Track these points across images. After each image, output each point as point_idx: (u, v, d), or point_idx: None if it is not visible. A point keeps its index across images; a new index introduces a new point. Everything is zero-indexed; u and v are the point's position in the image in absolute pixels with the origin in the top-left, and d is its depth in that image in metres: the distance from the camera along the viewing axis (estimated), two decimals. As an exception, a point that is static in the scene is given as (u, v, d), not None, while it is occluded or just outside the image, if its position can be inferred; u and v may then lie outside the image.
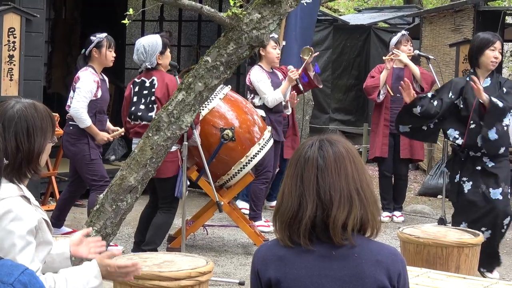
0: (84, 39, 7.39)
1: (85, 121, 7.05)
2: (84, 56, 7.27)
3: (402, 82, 7.00)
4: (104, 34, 7.26)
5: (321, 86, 9.38)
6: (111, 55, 7.27)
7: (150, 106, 6.68)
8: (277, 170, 8.88)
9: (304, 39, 9.99)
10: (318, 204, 2.49)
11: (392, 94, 8.83)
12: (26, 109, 2.99)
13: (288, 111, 8.60)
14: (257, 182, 7.86)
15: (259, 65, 8.35)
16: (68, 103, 7.22)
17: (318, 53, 8.80)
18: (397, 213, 9.15)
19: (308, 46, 8.85)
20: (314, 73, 8.85)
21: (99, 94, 7.15)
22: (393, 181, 9.17)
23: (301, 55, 8.72)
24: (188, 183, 6.93)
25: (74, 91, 7.14)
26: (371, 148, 9.12)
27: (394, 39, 8.99)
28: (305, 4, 10.02)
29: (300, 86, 8.53)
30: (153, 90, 6.69)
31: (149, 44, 6.75)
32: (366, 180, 2.55)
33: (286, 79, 8.29)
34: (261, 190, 8.16)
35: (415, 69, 8.88)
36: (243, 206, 8.91)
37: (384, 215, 8.97)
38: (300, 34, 9.85)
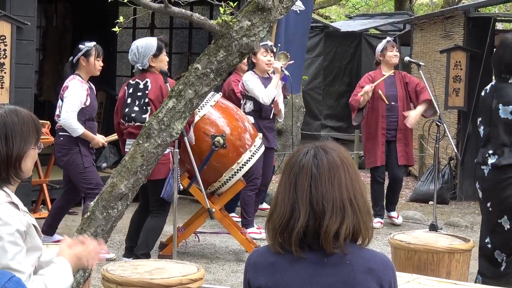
0: (75, 47, 7.39)
1: (77, 129, 7.05)
2: (71, 64, 7.27)
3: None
4: (93, 43, 7.25)
5: (288, 97, 9.24)
6: (98, 64, 7.26)
7: (144, 108, 6.68)
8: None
9: (299, 45, 10.01)
10: (310, 213, 2.48)
11: (387, 102, 8.86)
12: (6, 114, 3.00)
13: (281, 118, 8.59)
14: (245, 189, 7.83)
15: (253, 71, 8.37)
16: (57, 112, 7.21)
17: (293, 62, 8.75)
18: (394, 213, 9.23)
19: (284, 52, 8.78)
20: (283, 82, 8.75)
21: (88, 102, 7.15)
22: (387, 185, 9.25)
23: (276, 59, 8.63)
24: (181, 187, 6.93)
25: (62, 100, 7.14)
26: (368, 157, 9.09)
27: (380, 46, 9.05)
28: (298, 12, 10.06)
29: (286, 72, 8.43)
30: (146, 92, 6.71)
31: (142, 45, 6.76)
32: (360, 189, 2.55)
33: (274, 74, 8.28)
34: (250, 197, 8.16)
35: (418, 112, 8.93)
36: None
37: (376, 221, 9.00)
38: (295, 41, 9.87)
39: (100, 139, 7.28)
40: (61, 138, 7.13)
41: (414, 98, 8.97)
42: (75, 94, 7.05)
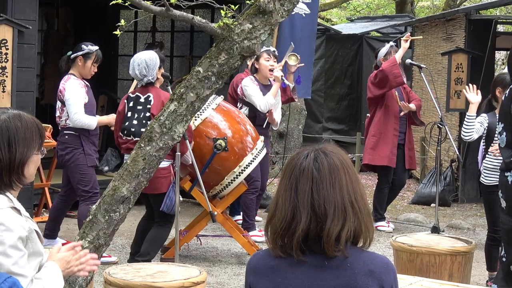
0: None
1: (92, 123, 7.06)
2: (68, 59, 7.25)
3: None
4: (96, 48, 7.23)
5: (296, 99, 9.15)
6: (93, 69, 7.24)
7: (144, 122, 6.63)
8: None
9: (306, 49, 10.03)
10: (312, 217, 2.47)
11: (399, 103, 8.86)
12: (10, 119, 3.00)
13: (275, 126, 8.56)
14: (246, 192, 7.81)
15: (253, 76, 8.35)
16: (57, 114, 7.20)
17: (303, 64, 8.76)
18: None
19: (295, 54, 8.78)
20: (293, 85, 8.70)
21: (87, 99, 7.15)
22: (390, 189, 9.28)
23: (286, 60, 8.64)
24: (181, 198, 6.92)
25: (61, 102, 7.12)
26: (373, 154, 8.87)
27: (383, 50, 8.99)
28: (304, 15, 10.08)
29: (285, 80, 8.39)
30: (148, 106, 6.68)
31: (150, 58, 6.74)
32: (360, 191, 2.54)
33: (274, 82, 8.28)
34: (251, 201, 8.15)
35: (412, 106, 8.92)
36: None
37: (387, 225, 9.04)
38: (302, 44, 9.89)
39: (110, 117, 7.28)
40: (66, 137, 7.13)
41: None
42: (76, 93, 7.04)
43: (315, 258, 2.50)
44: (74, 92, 7.05)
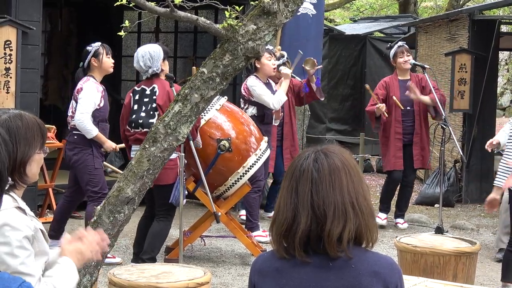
0: (80, 51, 7.39)
1: (92, 131, 7.04)
2: (83, 69, 7.26)
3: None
4: (99, 43, 7.26)
5: (322, 99, 9.42)
6: (110, 61, 7.27)
7: (151, 113, 6.69)
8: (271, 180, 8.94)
9: (313, 49, 10.05)
10: (312, 218, 2.47)
11: (402, 107, 8.86)
12: (10, 119, 3.00)
13: (276, 122, 8.61)
14: (249, 192, 7.83)
15: (254, 75, 8.37)
16: (69, 113, 7.20)
17: (321, 66, 8.87)
18: (400, 220, 9.31)
19: (312, 58, 8.86)
20: (316, 86, 8.87)
21: (102, 103, 7.16)
22: (398, 189, 9.32)
23: (303, 65, 8.74)
24: (186, 192, 6.93)
25: (76, 101, 7.14)
26: (383, 161, 9.32)
27: (392, 52, 9.04)
28: (311, 15, 10.10)
29: (297, 78, 8.53)
30: (154, 97, 6.72)
31: (154, 50, 6.80)
32: (363, 191, 2.53)
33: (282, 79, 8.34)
34: (254, 199, 8.17)
35: (425, 98, 8.84)
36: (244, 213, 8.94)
37: (383, 217, 9.10)
38: (308, 44, 9.92)
39: (112, 143, 7.26)
40: (75, 137, 7.13)
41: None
42: (90, 95, 7.05)
43: (319, 259, 2.49)
44: (89, 93, 7.05)
